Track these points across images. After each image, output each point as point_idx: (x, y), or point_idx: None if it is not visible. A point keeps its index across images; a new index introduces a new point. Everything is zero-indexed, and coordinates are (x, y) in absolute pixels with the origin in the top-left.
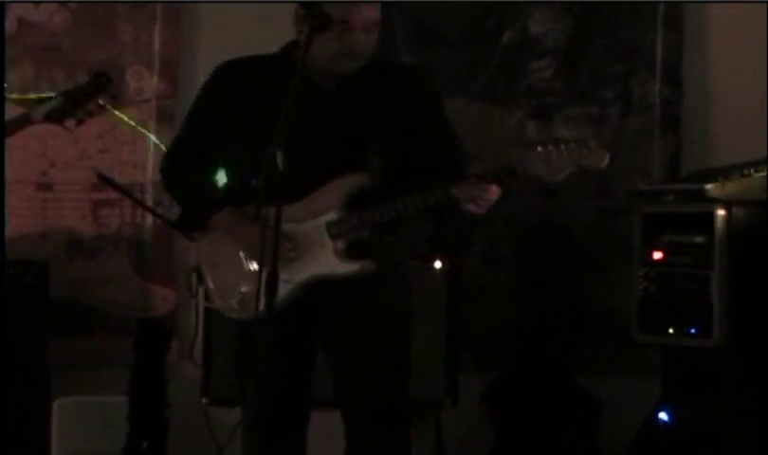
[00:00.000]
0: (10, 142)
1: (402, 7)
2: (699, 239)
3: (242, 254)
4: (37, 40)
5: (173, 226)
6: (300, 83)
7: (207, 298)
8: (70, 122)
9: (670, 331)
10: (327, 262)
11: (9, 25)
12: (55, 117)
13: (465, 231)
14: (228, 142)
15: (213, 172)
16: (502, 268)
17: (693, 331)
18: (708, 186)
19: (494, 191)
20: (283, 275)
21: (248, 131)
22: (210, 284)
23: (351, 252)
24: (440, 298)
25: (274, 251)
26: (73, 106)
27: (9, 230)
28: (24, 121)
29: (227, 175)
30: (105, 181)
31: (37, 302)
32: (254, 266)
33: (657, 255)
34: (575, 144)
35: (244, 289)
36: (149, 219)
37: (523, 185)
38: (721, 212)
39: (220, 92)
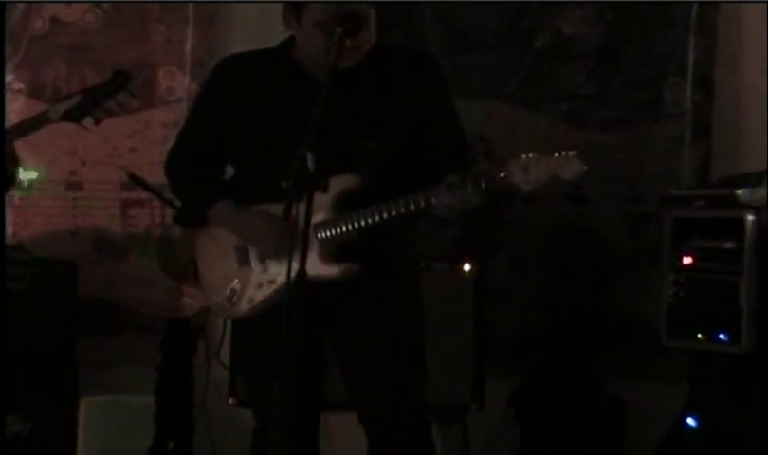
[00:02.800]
0: (40, 140)
1: (434, 8)
2: (729, 244)
3: (233, 248)
4: (69, 39)
5: (174, 220)
6: (327, 82)
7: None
8: (88, 121)
9: (699, 336)
10: (310, 263)
11: (42, 23)
12: (73, 115)
13: (493, 235)
14: (228, 138)
15: (215, 168)
16: (529, 273)
17: (722, 337)
18: (738, 191)
19: (471, 200)
20: (267, 275)
21: (249, 126)
22: (203, 280)
23: (335, 254)
24: (468, 301)
25: (303, 251)
26: (92, 105)
27: (38, 228)
28: (42, 120)
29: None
30: (136, 181)
31: (65, 301)
32: (245, 261)
33: (687, 260)
34: (556, 154)
35: (233, 286)
36: None
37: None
38: (750, 218)
39: (220, 88)
